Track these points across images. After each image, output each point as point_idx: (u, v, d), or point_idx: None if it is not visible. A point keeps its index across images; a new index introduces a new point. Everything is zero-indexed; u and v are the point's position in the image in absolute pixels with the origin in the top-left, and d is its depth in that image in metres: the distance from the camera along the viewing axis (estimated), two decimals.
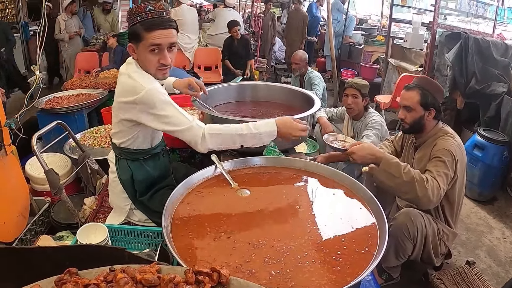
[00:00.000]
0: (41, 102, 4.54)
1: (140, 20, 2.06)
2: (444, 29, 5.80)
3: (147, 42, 2.06)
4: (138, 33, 2.08)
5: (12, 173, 2.92)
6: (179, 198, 1.90)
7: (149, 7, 2.07)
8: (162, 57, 2.12)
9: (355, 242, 1.64)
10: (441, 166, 2.50)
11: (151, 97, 2.07)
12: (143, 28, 2.06)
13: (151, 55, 2.10)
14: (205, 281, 1.00)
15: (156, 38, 2.06)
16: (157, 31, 2.06)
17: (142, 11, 2.07)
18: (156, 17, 2.07)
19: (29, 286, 1.02)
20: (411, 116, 2.69)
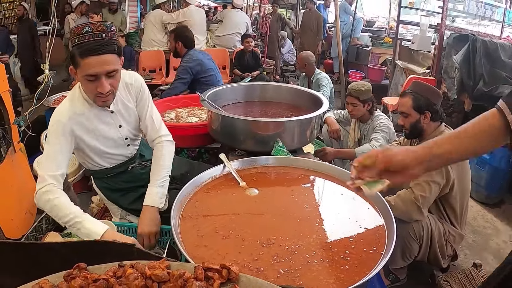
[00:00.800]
0: (49, 100, 4.55)
1: (77, 43, 1.89)
2: (452, 31, 5.78)
3: (82, 71, 1.91)
4: (74, 58, 1.92)
5: (20, 170, 2.94)
6: (188, 197, 1.91)
7: (86, 29, 1.89)
8: (99, 85, 1.94)
9: (363, 241, 1.64)
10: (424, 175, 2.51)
11: (49, 126, 2.05)
12: (78, 54, 1.89)
13: (88, 83, 1.95)
14: (215, 277, 1.01)
15: (91, 68, 1.89)
16: (91, 58, 1.88)
17: (79, 33, 1.89)
18: (92, 40, 1.88)
19: (38, 280, 1.03)
20: (408, 121, 2.75)
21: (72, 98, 2.11)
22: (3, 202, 2.64)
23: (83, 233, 1.89)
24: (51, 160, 2.01)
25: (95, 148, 2.20)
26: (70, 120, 2.04)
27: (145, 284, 0.97)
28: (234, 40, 7.82)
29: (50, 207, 1.95)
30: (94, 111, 2.13)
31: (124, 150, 2.35)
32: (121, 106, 2.24)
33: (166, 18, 7.55)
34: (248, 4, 14.65)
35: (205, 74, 4.65)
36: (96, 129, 2.16)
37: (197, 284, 0.97)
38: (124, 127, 2.28)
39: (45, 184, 1.96)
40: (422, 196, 2.49)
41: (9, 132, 2.81)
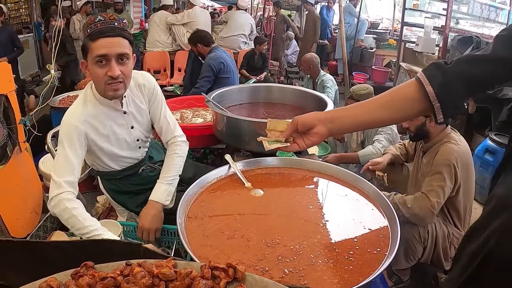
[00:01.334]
0: (55, 101, 4.59)
1: (89, 32, 1.92)
2: (456, 33, 5.80)
3: (92, 53, 1.91)
4: (85, 46, 1.94)
5: (25, 170, 2.96)
6: (193, 197, 1.92)
7: (99, 17, 1.93)
8: (109, 69, 1.93)
9: (367, 242, 1.65)
10: (436, 179, 2.56)
11: (61, 128, 2.04)
12: (89, 39, 1.91)
13: (98, 68, 1.94)
14: (221, 276, 1.02)
15: (100, 48, 1.89)
16: (102, 40, 1.89)
17: (92, 23, 1.92)
18: (103, 27, 1.91)
19: (45, 278, 1.04)
20: (413, 124, 2.77)
21: (84, 100, 2.10)
22: (9, 201, 2.66)
23: None
24: (66, 165, 1.99)
25: (107, 150, 2.20)
26: (84, 123, 2.04)
27: (152, 283, 0.98)
28: (239, 41, 7.85)
29: (68, 217, 1.92)
30: (107, 112, 2.14)
31: (135, 152, 2.36)
32: (133, 107, 2.25)
33: (170, 19, 7.60)
34: (252, 5, 14.68)
35: (224, 74, 4.70)
36: (109, 131, 2.16)
37: (204, 283, 0.98)
38: (136, 129, 2.29)
39: (62, 191, 1.93)
40: (438, 202, 2.51)
41: (15, 131, 2.83)
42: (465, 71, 1.25)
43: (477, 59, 1.27)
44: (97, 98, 2.11)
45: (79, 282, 0.98)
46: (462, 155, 2.59)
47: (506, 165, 1.40)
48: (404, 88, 1.38)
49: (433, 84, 1.27)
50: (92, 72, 1.97)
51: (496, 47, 1.24)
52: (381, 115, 1.41)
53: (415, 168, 2.98)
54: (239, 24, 7.88)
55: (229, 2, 15.02)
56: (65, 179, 1.95)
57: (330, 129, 1.45)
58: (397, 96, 1.39)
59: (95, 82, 2.05)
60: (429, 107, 1.29)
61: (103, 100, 2.10)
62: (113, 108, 2.15)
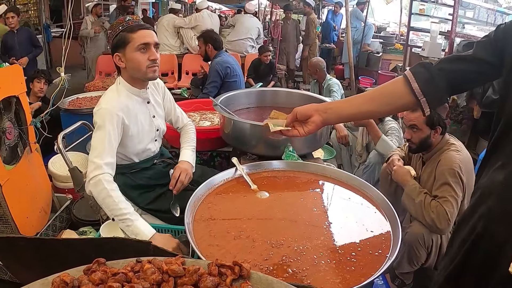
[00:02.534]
0: (64, 102, 4.65)
1: (122, 28, 2.23)
2: (461, 38, 5.80)
3: (135, 42, 2.21)
4: (123, 38, 2.22)
5: (35, 170, 3.02)
6: (201, 198, 1.97)
7: (128, 17, 2.28)
8: (151, 54, 2.24)
9: (369, 244, 1.69)
10: (447, 190, 2.54)
11: (97, 116, 2.23)
12: (127, 32, 2.21)
13: (140, 54, 2.23)
14: (227, 273, 1.06)
15: (144, 37, 2.21)
16: (142, 31, 2.22)
17: (123, 21, 2.25)
18: (136, 23, 2.26)
19: (58, 274, 1.07)
20: (417, 136, 2.73)
21: (117, 91, 2.35)
22: (19, 201, 2.72)
23: (132, 231, 2.02)
24: (107, 147, 2.18)
25: (133, 138, 2.39)
26: (121, 111, 2.25)
27: (161, 279, 1.02)
28: (246, 45, 7.90)
29: (104, 197, 2.08)
30: (135, 101, 2.39)
31: (152, 144, 2.54)
32: (153, 99, 2.53)
33: (178, 22, 7.67)
34: (260, 9, 14.73)
35: (231, 78, 4.75)
36: (139, 118, 2.39)
37: (211, 279, 1.02)
38: (156, 118, 2.53)
39: (101, 172, 2.11)
40: (452, 213, 2.51)
41: (26, 132, 2.89)
42: (446, 68, 1.40)
43: (458, 58, 1.43)
44: (127, 89, 2.36)
45: (92, 277, 1.02)
46: (464, 163, 2.59)
47: (488, 160, 1.51)
48: (392, 84, 1.53)
49: (419, 80, 1.41)
50: (134, 59, 2.24)
51: (476, 50, 1.38)
52: (368, 107, 1.57)
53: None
54: (246, 28, 7.93)
55: (237, 6, 15.08)
56: (105, 161, 2.14)
57: (324, 119, 1.61)
58: (385, 91, 1.55)
59: (135, 68, 2.28)
60: (415, 101, 1.43)
61: (133, 90, 2.37)
62: (140, 98, 2.42)
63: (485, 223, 1.39)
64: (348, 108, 1.61)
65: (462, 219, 1.58)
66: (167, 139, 3.34)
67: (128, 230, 2.03)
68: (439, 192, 2.58)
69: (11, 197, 2.62)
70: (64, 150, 2.75)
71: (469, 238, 1.46)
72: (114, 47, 2.27)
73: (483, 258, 1.41)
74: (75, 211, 3.20)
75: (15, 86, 2.76)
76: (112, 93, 2.35)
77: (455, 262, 1.53)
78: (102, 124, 2.20)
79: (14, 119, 2.81)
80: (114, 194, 2.08)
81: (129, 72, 2.32)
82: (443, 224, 2.50)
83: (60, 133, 2.79)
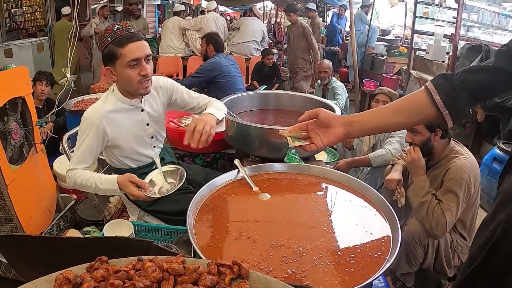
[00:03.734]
0: (70, 104, 4.68)
1: (111, 40, 2.14)
2: (466, 41, 5.80)
3: (124, 58, 2.14)
4: (113, 53, 2.14)
5: (41, 170, 3.06)
6: (203, 199, 1.99)
7: (117, 26, 2.17)
8: (141, 69, 2.18)
9: (368, 246, 1.71)
10: (452, 199, 2.56)
11: (81, 124, 2.28)
12: (116, 45, 2.13)
13: (130, 70, 2.16)
14: (227, 272, 1.08)
15: (133, 52, 2.13)
16: (132, 44, 2.13)
17: (111, 32, 2.15)
18: (124, 33, 2.15)
19: (61, 271, 1.10)
20: (418, 139, 2.74)
21: (104, 100, 2.34)
22: (24, 200, 2.75)
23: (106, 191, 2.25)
24: (77, 157, 2.27)
25: (124, 146, 2.38)
26: (103, 120, 2.24)
27: (162, 277, 1.05)
28: (251, 48, 7.92)
29: (75, 181, 2.24)
30: (126, 109, 2.35)
31: (149, 151, 2.52)
32: (149, 106, 2.46)
33: (184, 24, 7.72)
34: (265, 11, 14.76)
35: (221, 79, 4.81)
36: (127, 127, 2.35)
37: (210, 278, 1.05)
38: (151, 126, 2.48)
39: (67, 175, 2.29)
40: (450, 223, 2.54)
41: (32, 133, 2.93)
42: (468, 80, 1.39)
43: (479, 69, 1.41)
44: (118, 98, 2.33)
45: (94, 275, 1.05)
46: (473, 170, 2.59)
47: (510, 165, 1.54)
48: (415, 95, 1.50)
49: (440, 93, 1.40)
50: (125, 75, 2.19)
51: (496, 60, 1.37)
52: (393, 119, 1.53)
53: None
54: (251, 31, 7.95)
55: (242, 9, 15.12)
56: (72, 167, 2.27)
57: (348, 132, 1.56)
58: (409, 103, 1.52)
59: (127, 84, 2.25)
60: (438, 114, 1.42)
61: (124, 99, 2.33)
62: (132, 106, 2.36)
63: (505, 229, 1.40)
64: (373, 121, 1.56)
65: (484, 222, 1.59)
66: (170, 141, 3.37)
67: (106, 192, 2.27)
68: (444, 198, 2.59)
69: (16, 196, 2.65)
70: (69, 150, 2.78)
71: (489, 241, 1.47)
72: (104, 60, 2.24)
73: (501, 261, 1.42)
74: (79, 211, 3.23)
75: (21, 87, 2.79)
76: (98, 103, 2.35)
77: (475, 263, 1.55)
78: (81, 133, 2.26)
79: (20, 119, 2.84)
80: (79, 179, 2.23)
81: (121, 85, 2.31)
82: (439, 232, 2.54)
83: (65, 134, 2.82)
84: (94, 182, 2.19)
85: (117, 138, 2.33)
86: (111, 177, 2.21)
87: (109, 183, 2.18)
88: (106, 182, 2.19)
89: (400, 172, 3.01)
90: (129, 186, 2.13)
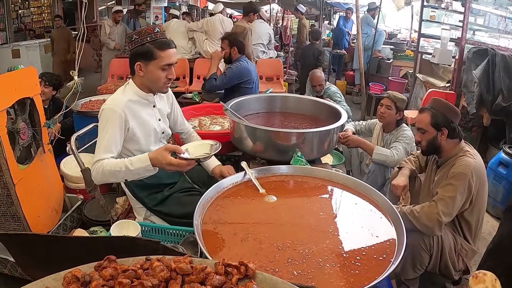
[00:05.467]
0: (77, 105, 4.70)
1: (151, 40, 2.29)
2: (472, 45, 5.78)
3: (161, 61, 2.30)
4: (150, 52, 2.29)
5: (48, 170, 3.07)
6: (209, 201, 2.01)
7: (157, 29, 2.33)
8: (170, 73, 2.37)
9: (374, 249, 1.72)
10: (448, 190, 2.57)
11: (101, 115, 2.34)
12: (156, 47, 2.28)
13: (162, 72, 2.33)
14: (234, 273, 1.09)
15: (170, 58, 2.32)
16: (169, 50, 2.32)
17: (152, 32, 2.31)
18: (163, 38, 2.33)
19: (70, 269, 1.11)
20: (425, 137, 2.76)
21: (122, 92, 2.43)
22: (31, 199, 2.76)
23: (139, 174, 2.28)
24: (104, 146, 2.29)
25: (140, 138, 2.45)
26: (125, 107, 2.34)
27: (170, 276, 1.06)
28: (257, 51, 7.90)
29: (107, 174, 2.25)
30: (141, 103, 2.46)
31: (158, 145, 2.55)
32: (160, 104, 2.60)
33: (191, 25, 7.73)
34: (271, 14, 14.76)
35: (247, 84, 4.76)
36: (143, 118, 2.45)
37: (217, 278, 1.06)
38: (162, 122, 2.60)
39: (93, 168, 2.28)
40: (445, 212, 2.52)
41: (39, 133, 2.95)
42: None
43: None
44: (135, 91, 2.43)
45: (103, 273, 1.06)
46: (477, 169, 2.60)
47: None
48: None
49: None
50: (155, 74, 2.34)
51: None
52: None
53: (427, 181, 2.99)
54: (258, 34, 7.93)
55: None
56: (101, 157, 2.27)
57: None
58: None
59: (153, 81, 2.39)
60: None
61: (140, 92, 2.43)
62: (146, 101, 2.48)
63: None
64: None
65: None
66: (177, 142, 3.37)
67: (139, 174, 2.26)
68: (441, 190, 2.61)
69: (23, 196, 2.67)
70: (76, 151, 2.79)
71: None
72: (137, 55, 2.34)
73: None
74: (86, 211, 3.24)
75: (29, 88, 2.81)
76: (117, 94, 2.44)
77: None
78: (104, 123, 2.31)
79: (28, 120, 2.86)
80: (107, 168, 2.23)
81: (145, 81, 2.40)
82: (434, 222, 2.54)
83: (73, 134, 2.83)
84: (124, 165, 2.21)
85: (135, 128, 2.40)
86: (142, 155, 2.24)
87: (141, 161, 2.20)
88: (138, 161, 2.21)
89: (407, 176, 3.01)
90: (166, 156, 2.14)
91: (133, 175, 2.26)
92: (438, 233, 2.60)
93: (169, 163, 2.14)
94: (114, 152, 2.32)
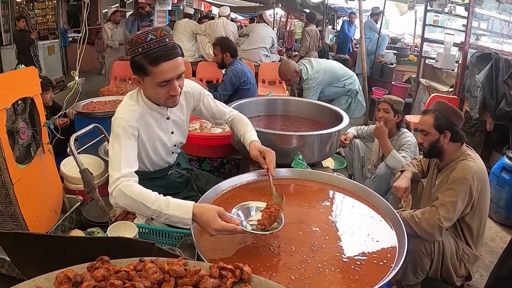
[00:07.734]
0: (78, 105, 4.69)
1: (142, 51, 1.93)
2: (475, 49, 5.76)
3: (155, 78, 1.96)
4: (142, 67, 1.95)
5: (47, 170, 3.06)
6: (208, 203, 1.97)
7: (150, 36, 1.91)
8: (171, 89, 2.01)
9: (374, 254, 1.69)
10: (448, 195, 2.54)
11: (114, 126, 2.07)
12: (148, 62, 1.93)
13: (160, 88, 2.01)
14: (228, 276, 1.07)
15: (165, 73, 1.94)
16: (164, 64, 1.93)
17: (143, 42, 1.92)
18: (158, 46, 1.92)
19: (62, 269, 1.09)
20: (427, 139, 2.74)
21: (137, 100, 2.19)
22: (30, 199, 2.75)
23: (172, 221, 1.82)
24: (122, 159, 1.99)
25: (149, 150, 2.30)
26: (137, 122, 2.12)
27: (163, 278, 1.04)
28: (260, 54, 7.90)
29: (131, 205, 1.89)
30: (154, 116, 2.23)
31: (169, 156, 2.46)
32: (175, 114, 2.36)
33: (196, 29, 7.73)
34: (275, 19, 14.78)
35: (245, 86, 4.77)
36: (154, 133, 2.26)
37: (211, 281, 1.04)
38: (175, 134, 2.40)
39: (118, 184, 1.91)
40: (446, 217, 2.49)
41: (39, 133, 2.93)
42: None
43: None
44: (146, 103, 2.19)
45: (95, 274, 1.04)
46: (478, 173, 2.58)
47: None
48: None
49: None
50: (153, 91, 2.06)
51: None
52: None
53: (429, 185, 2.97)
54: (261, 37, 7.93)
55: (252, 15, 15.15)
56: (122, 173, 1.94)
57: None
58: None
59: (154, 98, 2.14)
60: None
61: (152, 105, 2.19)
62: (159, 113, 2.25)
63: None
64: None
65: None
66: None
67: (170, 220, 1.81)
68: (441, 195, 2.58)
69: (22, 195, 2.65)
70: (76, 151, 2.78)
71: None
72: (132, 67, 2.03)
73: None
74: (84, 212, 3.22)
75: (30, 88, 2.80)
76: (131, 101, 2.18)
77: None
78: (117, 135, 2.04)
79: (28, 119, 2.85)
80: (136, 195, 1.86)
81: (148, 95, 2.17)
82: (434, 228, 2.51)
83: (73, 135, 2.82)
84: (158, 202, 1.82)
85: (145, 140, 2.23)
86: (184, 203, 1.78)
87: (181, 209, 1.76)
88: (176, 207, 1.78)
89: (409, 179, 2.99)
90: (216, 220, 1.65)
91: (161, 218, 1.83)
92: (439, 239, 2.57)
93: (219, 229, 1.64)
94: (135, 166, 2.05)
